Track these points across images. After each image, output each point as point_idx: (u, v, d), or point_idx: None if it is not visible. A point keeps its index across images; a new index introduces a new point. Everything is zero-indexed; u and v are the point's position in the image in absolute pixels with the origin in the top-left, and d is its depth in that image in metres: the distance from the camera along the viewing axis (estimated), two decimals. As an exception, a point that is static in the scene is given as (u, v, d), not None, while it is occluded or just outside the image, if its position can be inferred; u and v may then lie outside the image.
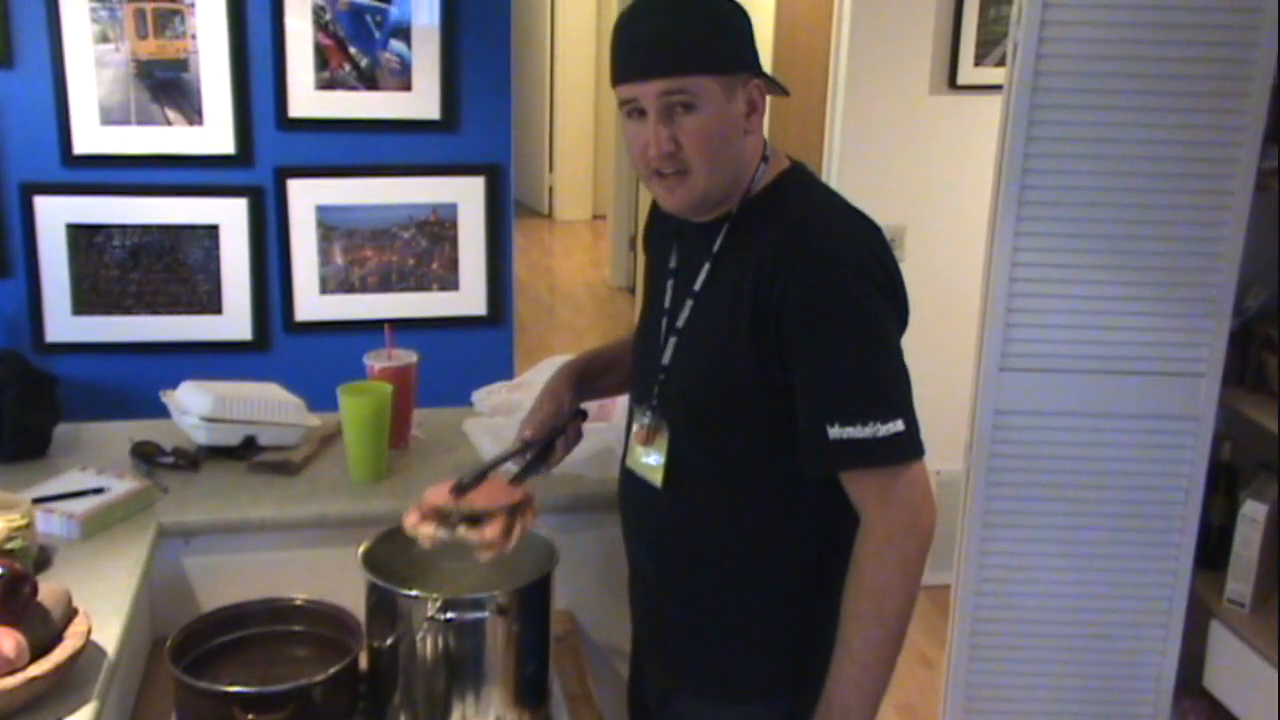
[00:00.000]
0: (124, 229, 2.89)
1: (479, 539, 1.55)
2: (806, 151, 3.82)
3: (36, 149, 2.81)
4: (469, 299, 3.09)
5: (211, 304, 2.97)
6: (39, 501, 1.81)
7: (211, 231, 2.93)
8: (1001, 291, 2.48)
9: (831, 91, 3.73)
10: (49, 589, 1.51)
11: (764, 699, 1.66)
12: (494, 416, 2.20)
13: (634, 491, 1.69)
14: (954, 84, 3.64)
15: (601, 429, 2.01)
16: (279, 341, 3.02)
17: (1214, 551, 2.62)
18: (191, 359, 2.92)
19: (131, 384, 2.87)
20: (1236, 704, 2.55)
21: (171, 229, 2.91)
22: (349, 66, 2.91)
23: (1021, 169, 2.43)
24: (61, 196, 2.85)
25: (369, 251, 3.01)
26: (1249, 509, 2.51)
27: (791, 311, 1.47)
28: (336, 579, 1.76)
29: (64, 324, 2.91)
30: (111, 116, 2.83)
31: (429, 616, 1.57)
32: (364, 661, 1.68)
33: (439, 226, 3.03)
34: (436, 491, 1.59)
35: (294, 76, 2.88)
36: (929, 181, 3.70)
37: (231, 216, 2.93)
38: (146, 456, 2.07)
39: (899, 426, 1.47)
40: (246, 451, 2.09)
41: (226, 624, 1.72)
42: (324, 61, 2.89)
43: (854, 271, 1.49)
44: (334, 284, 3.02)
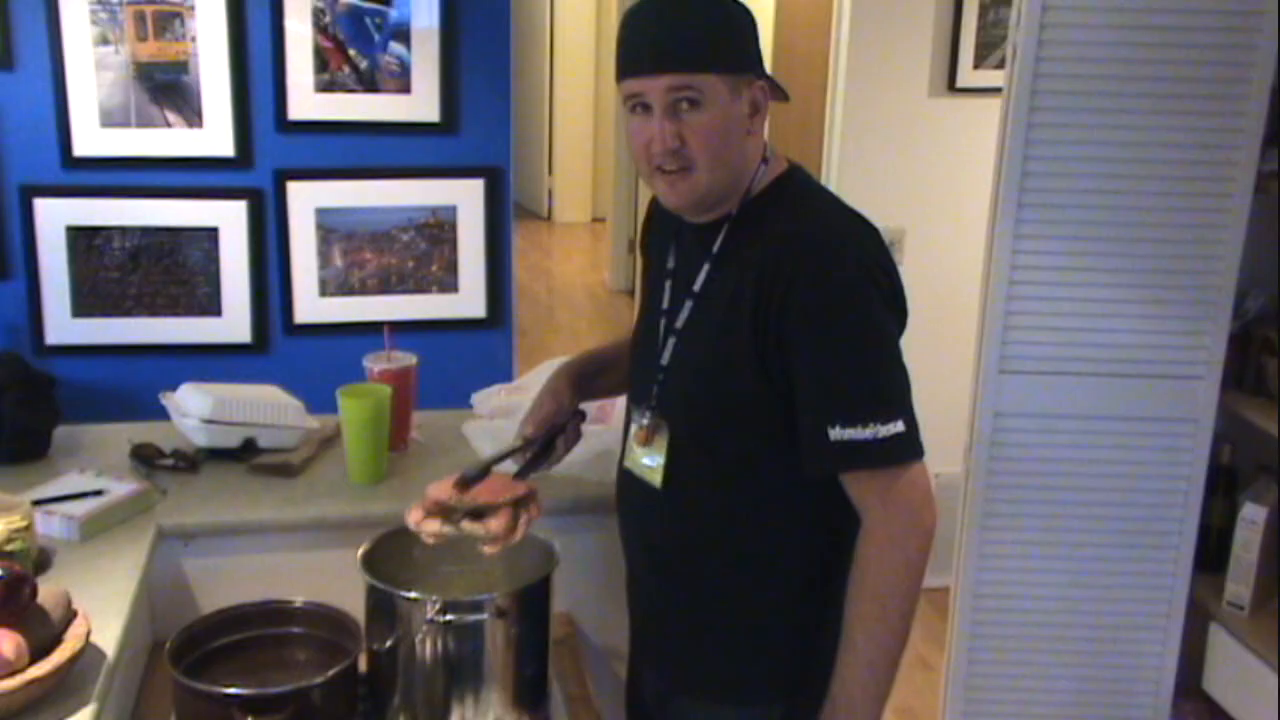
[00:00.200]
0: (124, 231, 2.89)
1: (484, 532, 1.55)
2: (806, 154, 3.82)
3: (36, 151, 2.81)
4: (468, 301, 3.09)
5: (211, 306, 2.97)
6: (39, 503, 1.82)
7: (211, 234, 2.93)
8: (1001, 294, 2.48)
9: (831, 94, 3.73)
10: (48, 591, 1.51)
11: (763, 700, 1.66)
12: (493, 419, 2.20)
13: (632, 492, 1.69)
14: (953, 87, 3.64)
15: (601, 431, 2.01)
16: (278, 344, 3.02)
17: (1213, 554, 2.62)
18: (191, 361, 2.92)
19: (131, 386, 2.87)
20: (1236, 707, 2.55)
21: (171, 231, 2.91)
22: (348, 69, 2.91)
23: (1021, 172, 2.43)
24: (61, 199, 2.85)
25: (368, 254, 3.02)
26: (1248, 512, 2.51)
27: (792, 313, 1.48)
28: (336, 581, 1.76)
29: (63, 326, 2.91)
30: (111, 119, 2.83)
31: (428, 618, 1.57)
32: (363, 663, 1.68)
33: (438, 229, 3.03)
34: (439, 487, 1.59)
35: (294, 79, 2.88)
36: (928, 184, 3.70)
37: (231, 219, 2.93)
38: (146, 458, 2.07)
39: (899, 427, 1.47)
40: (246, 453, 2.09)
41: (226, 626, 1.72)
42: (323, 64, 2.89)
43: (854, 273, 1.49)
44: (333, 286, 3.02)
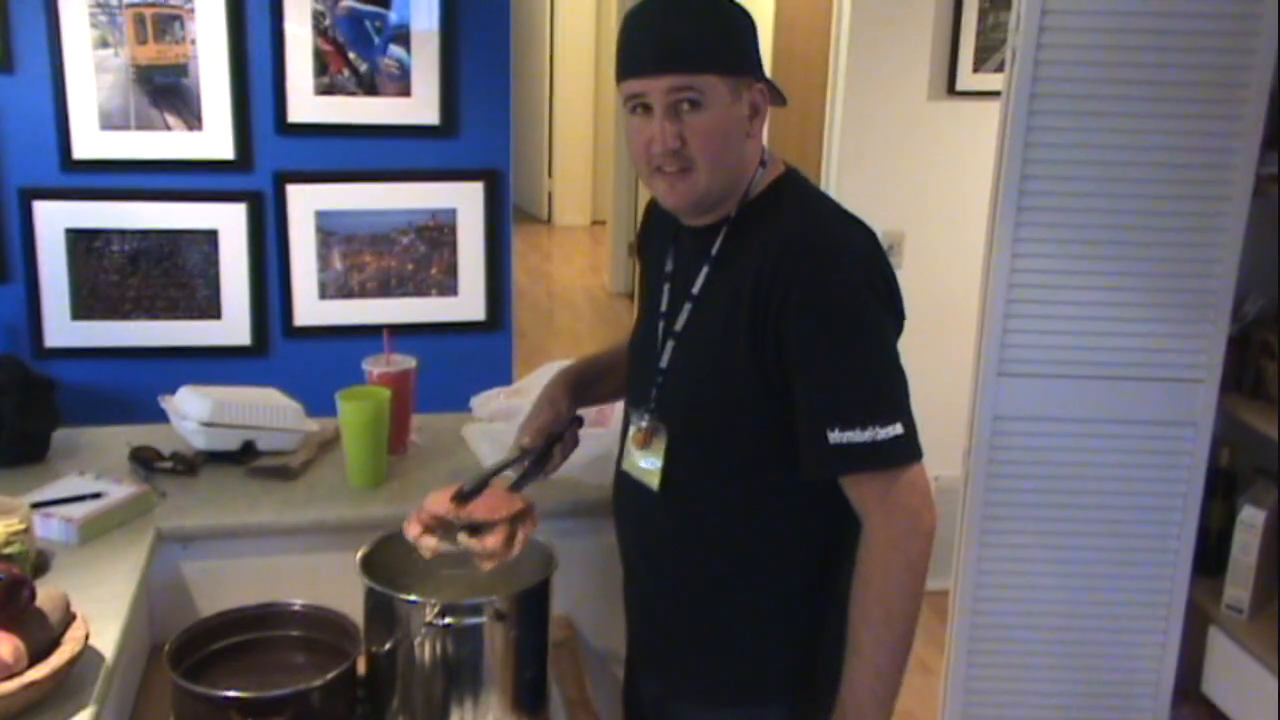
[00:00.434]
0: (123, 234, 2.89)
1: (481, 548, 1.56)
2: (805, 157, 3.83)
3: (36, 154, 2.81)
4: (468, 304, 3.09)
5: (210, 309, 2.97)
6: (37, 506, 1.81)
7: (210, 236, 2.93)
8: (1000, 297, 2.48)
9: (830, 97, 3.73)
10: (47, 593, 1.51)
11: (761, 703, 1.66)
12: (492, 422, 2.20)
13: (630, 495, 1.69)
14: (953, 90, 3.64)
15: (600, 434, 2.01)
16: (278, 347, 3.02)
17: (1212, 557, 2.62)
18: (190, 364, 2.92)
19: (130, 389, 2.87)
20: (1235, 710, 2.55)
21: (170, 234, 2.91)
22: (348, 72, 2.91)
23: (1020, 175, 2.43)
24: (61, 201, 2.85)
25: (368, 257, 3.02)
26: (1247, 515, 2.51)
27: (790, 316, 1.48)
28: (335, 584, 1.76)
29: (63, 329, 2.91)
30: (111, 121, 2.83)
31: (427, 621, 1.57)
32: (362, 666, 1.68)
33: (438, 232, 3.03)
34: (437, 500, 1.59)
35: (293, 82, 2.88)
36: (928, 187, 3.70)
37: (231, 221, 2.93)
38: (145, 461, 2.07)
39: (898, 429, 1.48)
40: (245, 456, 2.09)
41: (224, 629, 1.72)
42: (323, 67, 2.90)
43: (852, 276, 1.49)
44: (333, 289, 3.02)
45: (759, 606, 1.63)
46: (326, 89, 2.91)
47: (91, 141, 2.83)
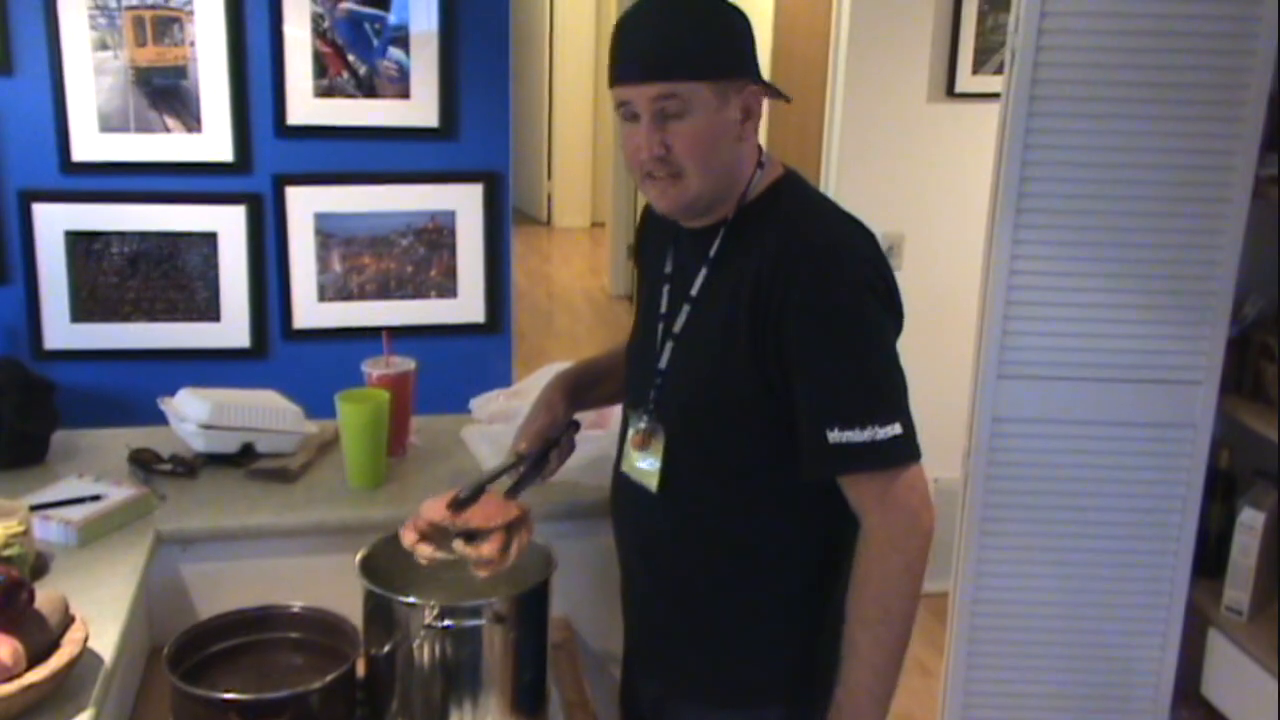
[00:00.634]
0: (122, 236, 2.89)
1: (477, 556, 1.56)
2: (805, 159, 3.83)
3: (35, 156, 2.82)
4: (467, 306, 3.09)
5: (210, 311, 2.97)
6: (37, 508, 1.81)
7: (210, 239, 2.93)
8: (999, 299, 2.48)
9: (830, 99, 3.73)
10: (46, 596, 1.51)
11: (761, 704, 1.66)
12: (492, 424, 2.20)
13: (629, 496, 1.69)
14: (952, 92, 3.64)
15: (598, 436, 2.01)
16: (277, 349, 3.02)
17: (1212, 559, 2.62)
18: (190, 366, 2.92)
19: (130, 391, 2.87)
20: (1235, 712, 2.55)
21: (170, 236, 2.91)
22: (347, 74, 2.91)
23: (1019, 177, 2.43)
24: (60, 204, 2.85)
25: (367, 259, 3.02)
26: (1247, 517, 2.51)
27: (790, 317, 1.48)
28: (334, 586, 1.76)
29: (62, 331, 2.91)
30: (110, 124, 2.83)
31: (426, 624, 1.57)
32: (361, 669, 1.68)
33: (437, 234, 3.03)
34: (433, 506, 1.59)
35: (292, 84, 2.89)
36: (927, 189, 3.70)
37: (230, 224, 2.93)
38: (144, 463, 2.07)
39: (897, 429, 1.48)
40: (244, 458, 2.09)
41: (224, 631, 1.72)
42: (322, 69, 2.90)
43: (851, 276, 1.50)
44: (332, 291, 3.02)
45: (758, 607, 1.63)
46: (326, 91, 2.91)
47: (91, 144, 2.83)
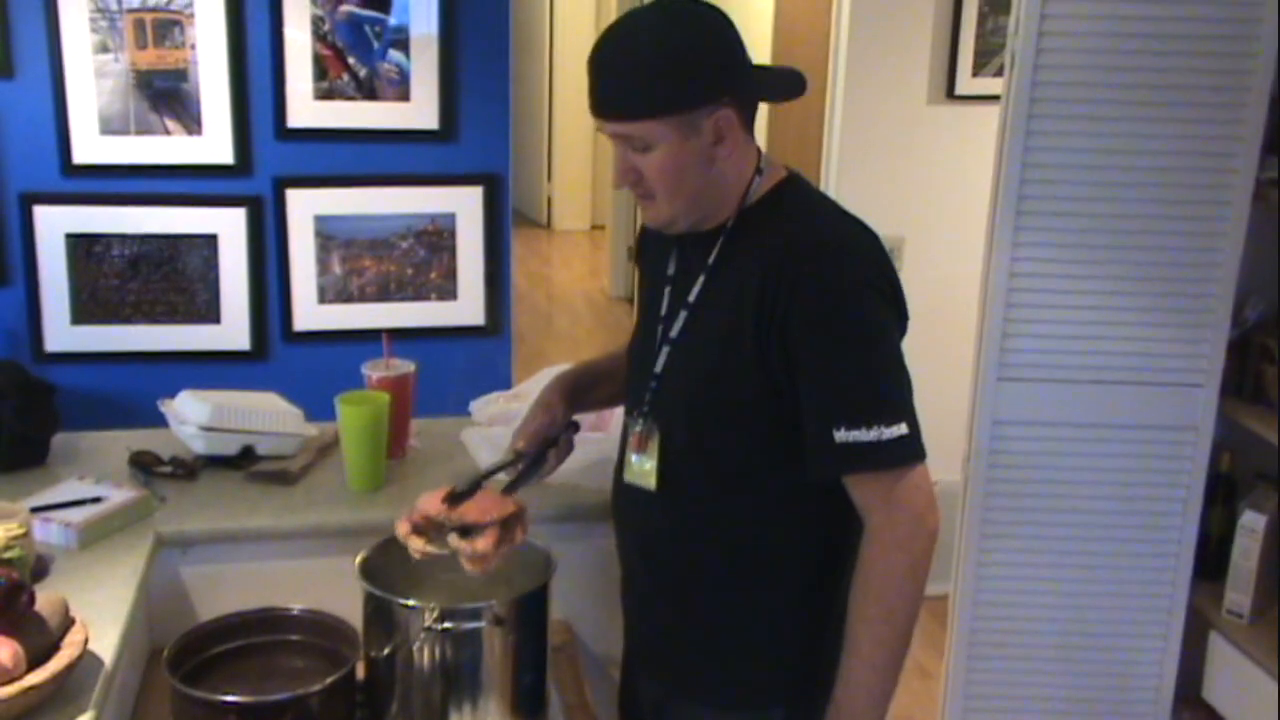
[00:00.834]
0: (123, 238, 2.89)
1: (471, 550, 1.56)
2: (805, 161, 3.83)
3: (36, 159, 2.82)
4: (467, 309, 3.09)
5: (210, 313, 2.97)
6: (37, 510, 1.81)
7: (210, 241, 2.93)
8: (1000, 301, 2.48)
9: (830, 101, 3.73)
10: (46, 598, 1.51)
11: (762, 705, 1.66)
12: (492, 426, 2.20)
13: (629, 498, 1.69)
14: (952, 94, 3.64)
15: (598, 439, 2.01)
16: (277, 351, 3.02)
17: (1212, 562, 2.62)
18: (190, 368, 2.92)
19: (130, 393, 2.87)
20: (1236, 715, 2.54)
21: (170, 239, 2.91)
22: (348, 76, 2.91)
23: (1020, 179, 2.43)
24: (61, 206, 2.85)
25: (367, 261, 3.02)
26: (1247, 520, 2.51)
27: (795, 318, 1.48)
28: (334, 588, 1.76)
29: (63, 333, 2.91)
30: (111, 126, 2.83)
31: (426, 626, 1.57)
32: (361, 671, 1.68)
33: (437, 236, 3.03)
34: (429, 500, 1.59)
35: (293, 86, 2.89)
36: (927, 192, 3.70)
37: (230, 226, 2.93)
38: (144, 466, 2.07)
39: (903, 429, 1.48)
40: (244, 461, 2.09)
41: (224, 633, 1.72)
42: (323, 71, 2.90)
43: (855, 277, 1.50)
44: (332, 293, 3.02)
45: (758, 608, 1.63)
46: (326, 94, 2.91)
47: (91, 146, 2.83)
